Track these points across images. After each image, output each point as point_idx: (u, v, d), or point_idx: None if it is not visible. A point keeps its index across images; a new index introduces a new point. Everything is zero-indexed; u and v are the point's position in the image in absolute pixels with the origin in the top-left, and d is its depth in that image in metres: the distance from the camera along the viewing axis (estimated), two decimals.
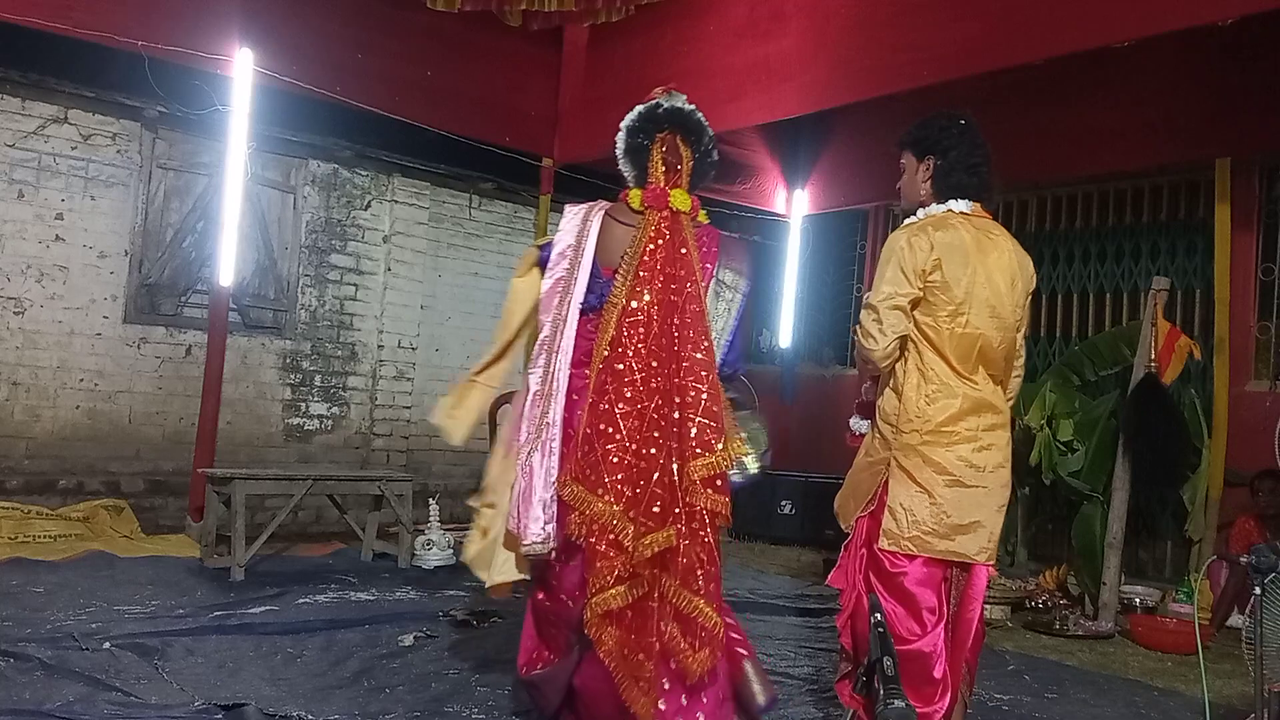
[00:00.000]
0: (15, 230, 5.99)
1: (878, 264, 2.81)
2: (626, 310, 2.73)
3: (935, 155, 2.83)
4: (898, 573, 2.71)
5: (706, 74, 6.32)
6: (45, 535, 5.60)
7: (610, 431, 2.65)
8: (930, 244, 2.70)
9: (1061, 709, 3.88)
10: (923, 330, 2.73)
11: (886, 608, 2.62)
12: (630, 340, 2.71)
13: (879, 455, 2.80)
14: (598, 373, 2.71)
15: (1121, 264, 7.01)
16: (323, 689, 3.38)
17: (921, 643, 2.66)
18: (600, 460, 2.64)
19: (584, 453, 2.67)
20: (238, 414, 6.75)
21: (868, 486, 2.82)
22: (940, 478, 2.70)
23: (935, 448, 2.70)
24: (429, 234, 7.79)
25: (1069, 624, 5.35)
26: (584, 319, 2.81)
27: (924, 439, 2.71)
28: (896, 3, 5.37)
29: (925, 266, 2.69)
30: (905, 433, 2.73)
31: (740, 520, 8.20)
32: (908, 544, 2.70)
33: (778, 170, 8.63)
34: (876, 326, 2.71)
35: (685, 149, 2.91)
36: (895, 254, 2.73)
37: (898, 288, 2.70)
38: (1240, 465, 5.78)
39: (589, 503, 2.63)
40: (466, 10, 6.29)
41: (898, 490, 2.73)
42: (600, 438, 2.66)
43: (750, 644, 2.92)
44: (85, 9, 5.29)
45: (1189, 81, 6.12)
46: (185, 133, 6.55)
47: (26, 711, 2.91)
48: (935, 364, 2.73)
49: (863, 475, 2.85)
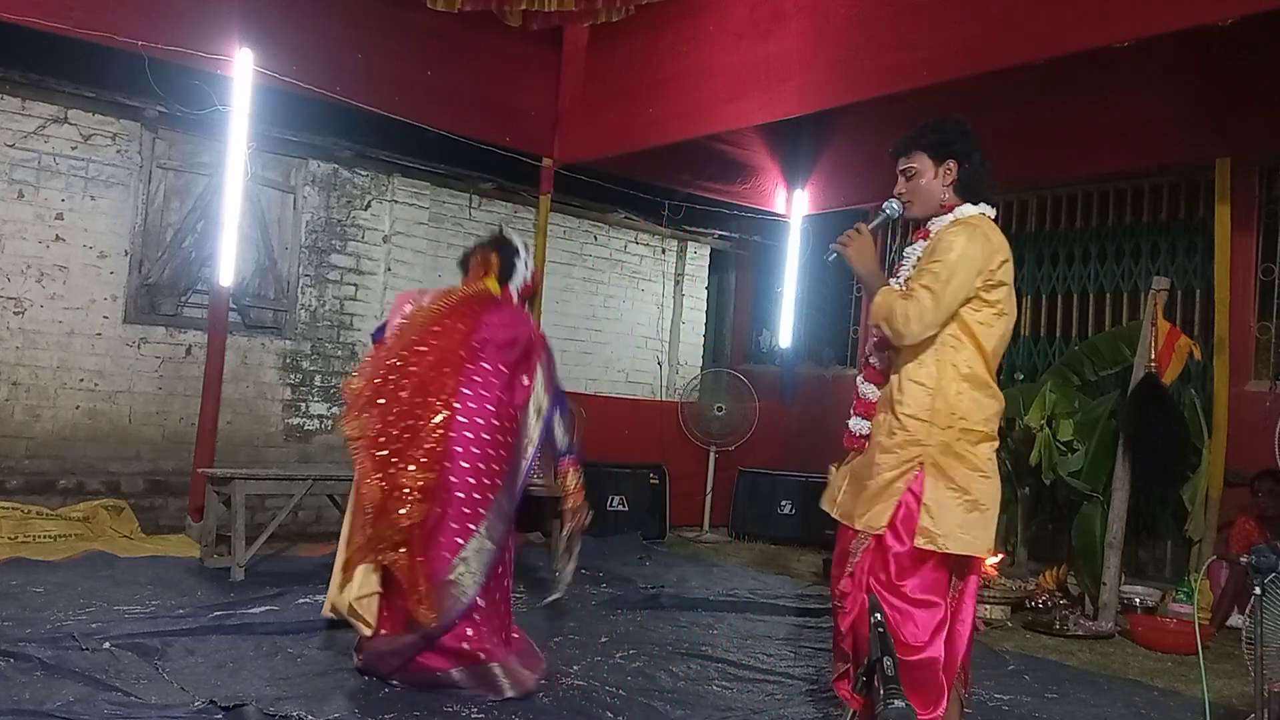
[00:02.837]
0: (15, 230, 5.99)
1: (935, 250, 2.74)
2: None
3: (958, 159, 2.83)
4: (915, 574, 2.69)
5: (706, 74, 6.32)
6: (45, 535, 5.60)
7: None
8: (995, 244, 2.74)
9: (1061, 709, 3.88)
10: (971, 328, 2.73)
11: (895, 613, 2.62)
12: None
13: (908, 453, 2.73)
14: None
15: (1121, 264, 7.01)
16: (323, 689, 3.38)
17: (931, 649, 2.66)
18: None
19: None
20: (238, 414, 6.75)
21: (888, 484, 2.74)
22: (974, 474, 2.71)
23: (967, 445, 2.71)
24: (429, 234, 7.79)
25: (1069, 624, 5.35)
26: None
27: (959, 436, 2.71)
28: (896, 3, 5.37)
29: (992, 265, 2.72)
30: (941, 429, 2.71)
31: (740, 520, 8.23)
32: (945, 541, 2.67)
33: (778, 170, 8.63)
34: (933, 315, 2.68)
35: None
36: (969, 251, 2.71)
37: (966, 288, 2.70)
38: (1240, 465, 5.78)
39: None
40: (466, 10, 6.30)
41: (934, 488, 2.70)
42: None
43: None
44: (85, 9, 5.29)
45: (1189, 81, 6.12)
46: (185, 133, 6.55)
47: (26, 711, 2.91)
48: (974, 362, 2.74)
49: (885, 474, 2.76)
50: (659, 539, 7.57)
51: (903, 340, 2.71)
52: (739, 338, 9.91)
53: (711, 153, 8.04)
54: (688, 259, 9.41)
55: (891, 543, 2.70)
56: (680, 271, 9.38)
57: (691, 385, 8.73)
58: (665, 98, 6.54)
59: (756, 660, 4.24)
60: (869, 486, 2.78)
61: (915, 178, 2.88)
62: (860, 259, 2.90)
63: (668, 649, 4.32)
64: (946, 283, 2.69)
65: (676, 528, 7.99)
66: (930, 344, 2.73)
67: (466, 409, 3.45)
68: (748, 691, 3.78)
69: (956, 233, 2.75)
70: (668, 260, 9.31)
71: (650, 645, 4.36)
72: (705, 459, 8.33)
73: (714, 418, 8.33)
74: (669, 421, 8.33)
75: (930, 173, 2.86)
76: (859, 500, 2.80)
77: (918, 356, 2.76)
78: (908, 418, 2.74)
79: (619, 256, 8.98)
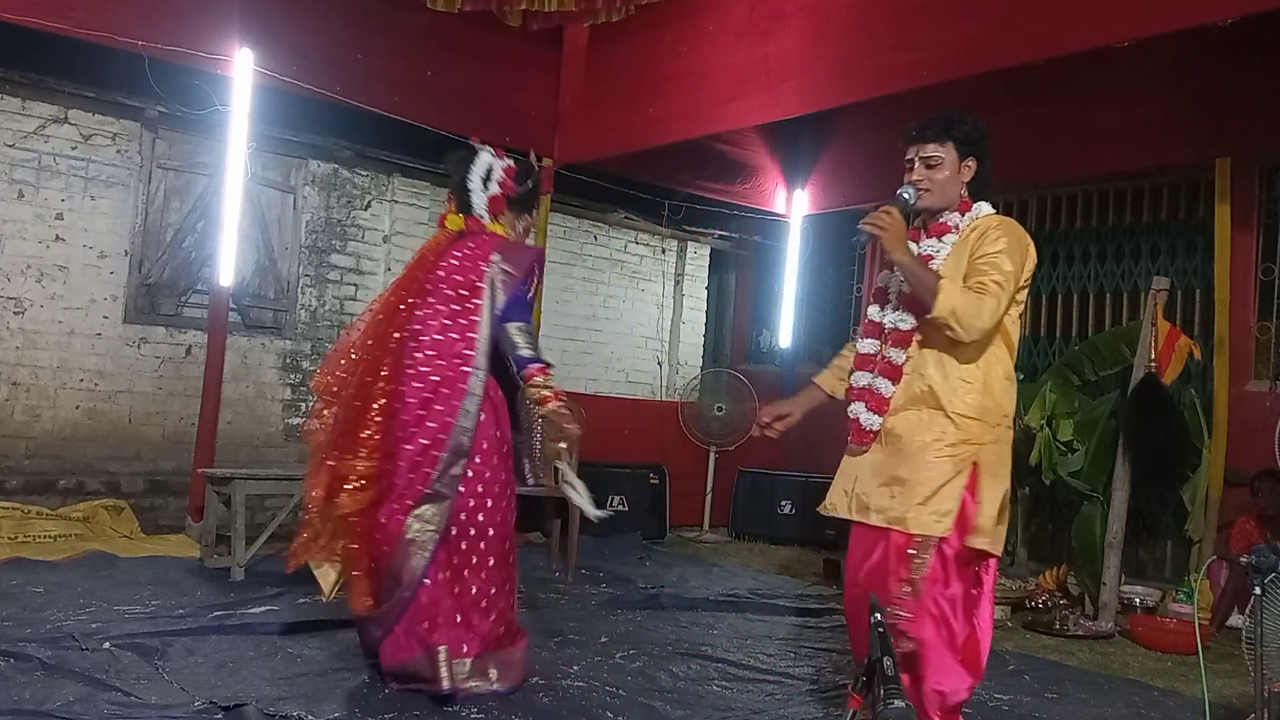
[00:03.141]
0: (15, 230, 5.99)
1: (994, 245, 2.69)
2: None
3: (978, 158, 2.79)
4: (966, 574, 2.70)
5: (706, 74, 6.32)
6: (45, 535, 5.60)
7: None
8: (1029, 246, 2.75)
9: (1061, 709, 3.88)
10: (1005, 326, 2.75)
11: (946, 614, 2.62)
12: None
13: (964, 451, 2.67)
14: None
15: (1121, 264, 7.01)
16: (323, 689, 3.38)
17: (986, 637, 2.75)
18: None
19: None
20: (238, 414, 6.75)
21: (946, 483, 2.64)
22: (1009, 472, 2.74)
23: (1007, 443, 2.74)
24: (429, 234, 7.72)
25: (1069, 624, 5.35)
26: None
27: (1004, 432, 2.73)
28: (896, 3, 5.37)
29: (1030, 267, 2.75)
30: (992, 426, 2.69)
31: (740, 520, 8.23)
32: (996, 547, 2.67)
33: (778, 170, 8.63)
34: (1002, 312, 2.65)
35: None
36: (1023, 247, 2.70)
37: (1021, 288, 2.72)
38: (1240, 465, 5.78)
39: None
40: (466, 10, 6.29)
41: (988, 485, 2.67)
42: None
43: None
44: (85, 9, 5.29)
45: (1189, 81, 6.12)
46: (185, 133, 6.55)
47: (26, 711, 2.90)
48: (1007, 360, 2.76)
49: (940, 473, 2.64)
50: (659, 539, 7.57)
51: (969, 336, 2.63)
52: (739, 338, 9.90)
53: (711, 153, 8.04)
54: (688, 259, 9.41)
55: (945, 546, 2.66)
56: (680, 271, 9.38)
57: (691, 385, 8.73)
58: (665, 98, 6.53)
59: (756, 660, 4.24)
60: (918, 487, 2.66)
61: (939, 168, 2.77)
62: (899, 243, 2.71)
63: (668, 649, 4.32)
64: (1015, 281, 2.66)
65: (676, 528, 7.99)
66: (976, 341, 2.67)
67: (405, 378, 3.34)
68: (748, 691, 3.78)
69: (1008, 230, 2.72)
70: (668, 260, 9.31)
71: (650, 645, 4.35)
72: (705, 459, 8.33)
73: (714, 418, 8.33)
74: (669, 421, 8.33)
75: (954, 166, 2.78)
76: (907, 502, 2.67)
77: (961, 353, 2.69)
78: (960, 416, 2.68)
79: (619, 256, 8.98)
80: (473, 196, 3.58)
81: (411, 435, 3.32)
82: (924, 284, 2.67)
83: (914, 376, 2.75)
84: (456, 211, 3.62)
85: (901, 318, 2.84)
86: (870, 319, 2.97)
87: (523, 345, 3.37)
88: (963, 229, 2.79)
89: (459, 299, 3.43)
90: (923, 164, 2.78)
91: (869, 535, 2.76)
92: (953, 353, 2.70)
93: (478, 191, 3.58)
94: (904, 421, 2.73)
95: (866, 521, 2.76)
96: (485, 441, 3.37)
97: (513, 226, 3.67)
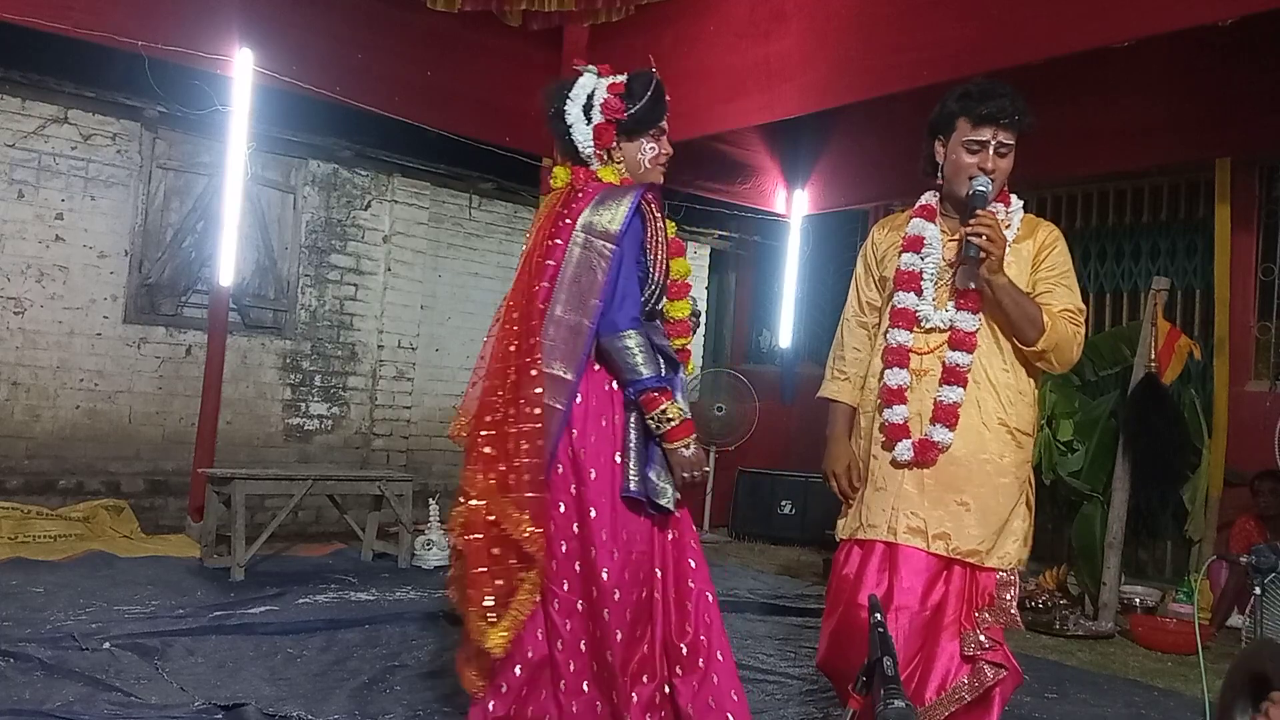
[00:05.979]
0: (15, 230, 5.99)
1: (1059, 253, 2.56)
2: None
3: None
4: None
5: (706, 74, 6.32)
6: (45, 535, 5.60)
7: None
8: None
9: (1061, 709, 3.88)
10: None
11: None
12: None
13: (1025, 471, 2.55)
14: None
15: (1121, 264, 7.01)
16: (323, 689, 3.38)
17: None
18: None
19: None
20: (238, 414, 6.75)
21: (1014, 507, 2.51)
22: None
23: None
24: (429, 234, 7.79)
25: (1069, 624, 5.35)
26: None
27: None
28: (896, 3, 5.37)
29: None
30: (1032, 440, 2.58)
31: (740, 520, 8.23)
32: (1021, 566, 2.57)
33: (778, 170, 8.63)
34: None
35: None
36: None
37: None
38: (1240, 465, 5.78)
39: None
40: (466, 10, 6.29)
41: (1024, 509, 2.56)
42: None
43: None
44: (85, 9, 5.29)
45: (1189, 81, 6.12)
46: (185, 133, 6.55)
47: (26, 711, 2.90)
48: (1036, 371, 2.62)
49: (1010, 491, 2.49)
50: None
51: (1061, 370, 2.55)
52: (739, 337, 9.90)
53: (711, 153, 8.04)
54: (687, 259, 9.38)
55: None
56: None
57: (691, 385, 8.72)
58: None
59: (756, 660, 4.24)
60: (990, 516, 2.46)
61: (1008, 157, 2.50)
62: (1001, 267, 2.43)
63: None
64: (1078, 298, 2.56)
65: None
66: (1019, 353, 2.51)
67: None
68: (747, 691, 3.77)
69: (1063, 243, 2.57)
70: None
71: None
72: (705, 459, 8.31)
73: (714, 418, 8.32)
74: None
75: (1012, 157, 2.51)
76: (982, 532, 2.46)
77: (1012, 365, 2.53)
78: (1020, 433, 2.52)
79: None
80: (574, 132, 2.70)
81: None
82: (1026, 314, 2.44)
83: (971, 385, 2.51)
84: (561, 160, 2.81)
85: (962, 317, 2.53)
86: (902, 306, 2.63)
87: (628, 362, 2.58)
88: (1015, 226, 2.57)
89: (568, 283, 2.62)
90: (997, 153, 2.48)
91: (915, 556, 2.50)
92: (1006, 359, 2.51)
93: (579, 124, 2.70)
94: (962, 436, 2.48)
95: (921, 548, 2.49)
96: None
97: (633, 159, 2.81)
